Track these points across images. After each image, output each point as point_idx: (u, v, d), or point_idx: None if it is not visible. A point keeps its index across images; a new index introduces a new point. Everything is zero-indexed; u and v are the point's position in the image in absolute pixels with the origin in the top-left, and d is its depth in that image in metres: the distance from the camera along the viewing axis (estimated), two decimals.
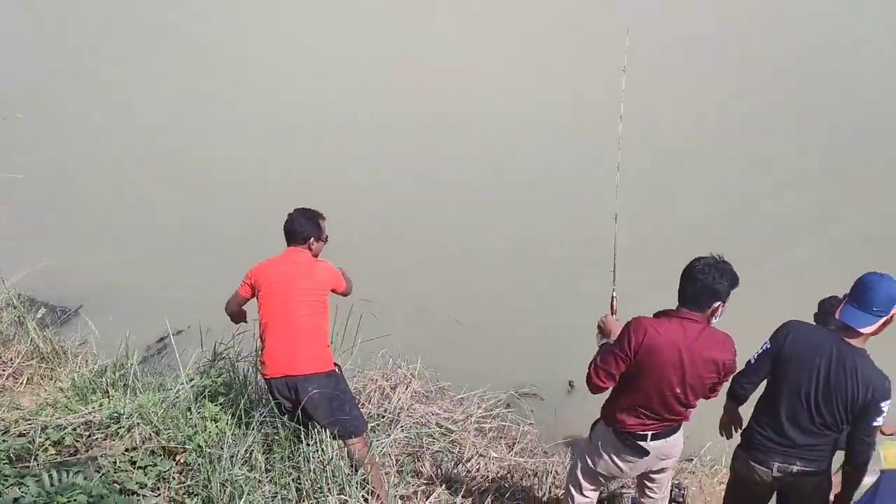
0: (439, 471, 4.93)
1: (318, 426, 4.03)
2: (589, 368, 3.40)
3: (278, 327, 4.04)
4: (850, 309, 3.16)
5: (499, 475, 5.09)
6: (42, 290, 6.84)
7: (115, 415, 4.29)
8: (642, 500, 3.88)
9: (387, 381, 5.68)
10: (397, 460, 4.84)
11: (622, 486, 4.67)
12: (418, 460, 4.99)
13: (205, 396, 4.53)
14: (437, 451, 5.18)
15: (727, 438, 3.81)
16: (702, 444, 4.83)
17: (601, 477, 3.70)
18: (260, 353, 4.13)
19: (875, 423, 3.14)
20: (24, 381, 5.43)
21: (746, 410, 3.63)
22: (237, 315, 4.43)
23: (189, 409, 4.30)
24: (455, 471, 5.01)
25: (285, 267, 4.15)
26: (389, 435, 4.83)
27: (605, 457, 3.59)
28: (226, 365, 5.00)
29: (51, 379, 5.56)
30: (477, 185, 8.53)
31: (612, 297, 3.86)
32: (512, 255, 7.39)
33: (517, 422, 5.75)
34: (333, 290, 4.22)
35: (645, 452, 3.48)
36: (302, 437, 4.04)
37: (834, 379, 3.15)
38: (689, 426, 5.12)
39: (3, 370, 5.44)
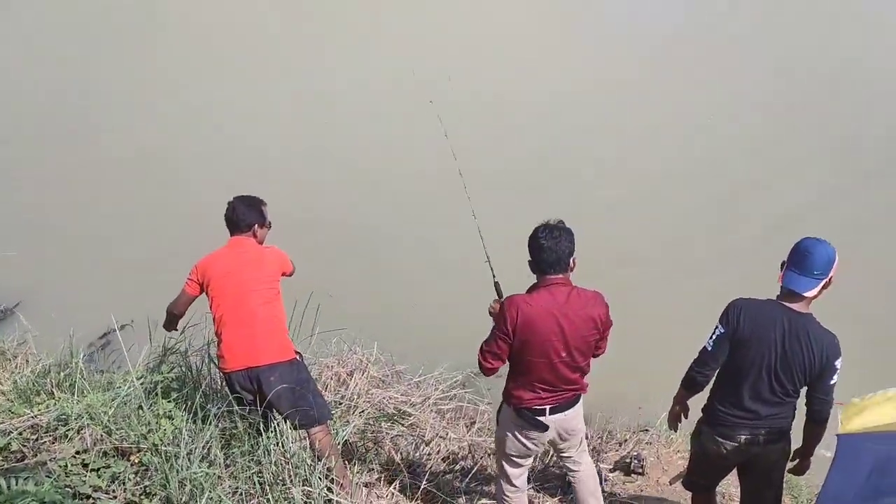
0: (400, 455, 4.92)
1: (281, 416, 3.97)
2: (478, 353, 3.54)
3: (235, 319, 3.94)
4: (792, 275, 3.25)
5: (460, 455, 5.12)
6: None
7: (63, 416, 4.12)
8: (569, 477, 4.00)
9: (343, 367, 5.64)
10: (358, 448, 4.81)
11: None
12: (379, 446, 4.98)
13: (157, 393, 4.39)
14: (397, 436, 5.17)
15: (673, 430, 3.93)
16: (657, 415, 4.94)
17: (514, 457, 3.79)
18: (217, 347, 4.02)
19: (832, 382, 3.26)
20: None
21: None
22: (177, 318, 4.30)
23: (140, 406, 4.16)
24: (416, 454, 5.02)
25: (234, 258, 4.04)
26: (349, 422, 4.79)
27: (510, 436, 3.70)
28: (177, 360, 4.86)
29: None
30: (428, 171, 8.45)
31: (495, 283, 3.98)
32: (460, 236, 7.36)
33: (474, 401, 5.79)
34: (283, 274, 4.14)
35: (544, 427, 3.58)
36: (262, 429, 3.96)
37: (790, 349, 3.24)
38: (642, 398, 5.29)
39: None
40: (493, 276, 4.05)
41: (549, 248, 3.40)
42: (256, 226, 4.15)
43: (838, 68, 10.12)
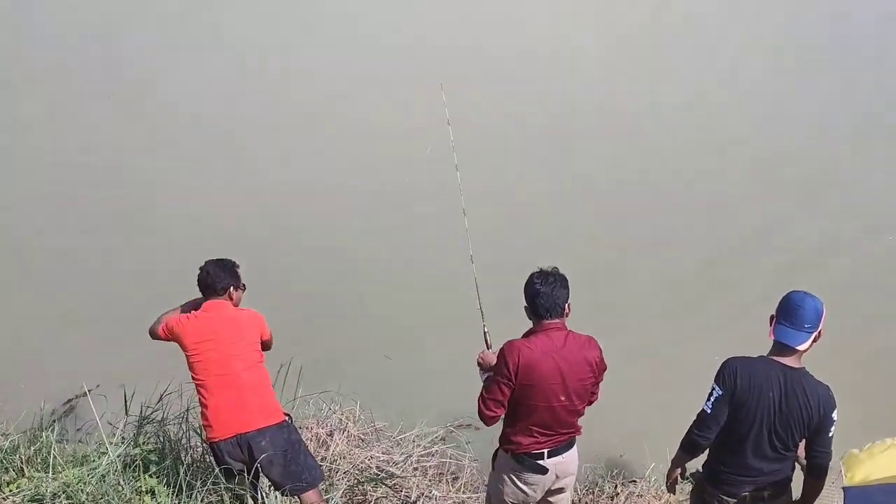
0: None
1: (270, 484, 3.86)
2: (478, 402, 3.56)
3: (220, 385, 3.85)
4: (783, 329, 3.28)
5: None
6: None
7: (38, 497, 3.93)
8: None
9: (322, 427, 5.53)
10: None
11: None
12: None
13: (135, 467, 4.23)
14: (381, 498, 5.07)
15: (672, 493, 3.91)
16: (645, 465, 4.95)
17: None
18: (202, 416, 3.91)
19: (830, 434, 3.30)
20: None
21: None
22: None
23: (124, 482, 4.00)
24: None
25: (211, 323, 3.96)
26: (334, 485, 4.68)
27: (509, 482, 3.71)
28: (154, 429, 4.69)
29: None
30: (391, 205, 8.43)
31: (485, 332, 4.06)
32: (430, 287, 7.36)
33: (456, 456, 5.72)
34: (262, 338, 4.06)
35: (544, 470, 3.61)
36: (250, 502, 3.85)
37: (787, 406, 3.26)
38: (629, 448, 5.30)
39: None
40: (483, 325, 4.11)
41: (546, 294, 3.47)
42: (231, 288, 4.09)
43: None
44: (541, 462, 3.60)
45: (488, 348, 3.96)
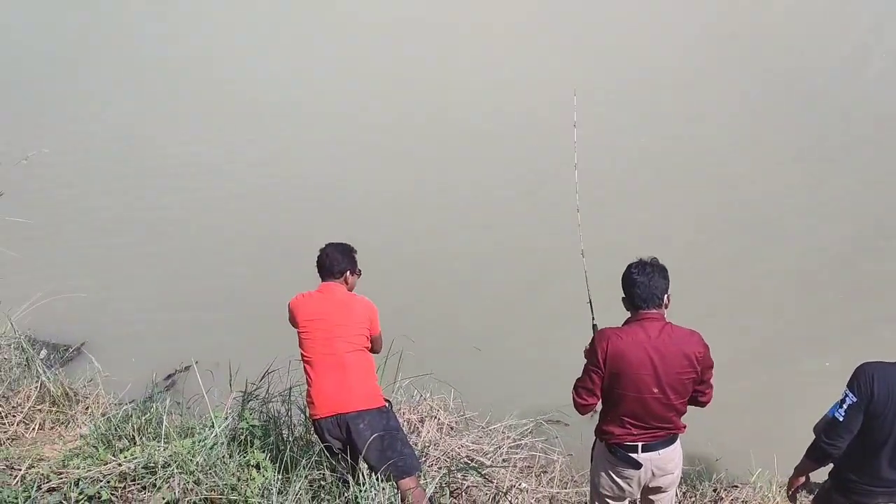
0: None
1: (368, 467, 3.90)
2: (572, 391, 3.54)
3: (325, 365, 3.91)
4: None
5: None
6: (42, 327, 6.57)
7: (151, 464, 4.09)
8: None
9: (414, 413, 5.57)
10: (436, 500, 4.71)
11: None
12: (455, 498, 4.88)
13: (240, 441, 4.34)
14: (471, 486, 5.07)
15: (793, 503, 3.71)
16: (750, 471, 4.79)
17: (608, 498, 3.70)
18: (307, 393, 3.98)
19: None
20: (36, 428, 5.20)
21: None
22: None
23: (230, 455, 4.12)
24: None
25: (324, 303, 4.03)
26: (431, 475, 4.69)
27: (604, 476, 3.64)
28: (256, 405, 4.81)
29: (63, 424, 5.33)
30: (489, 202, 8.46)
31: (594, 325, 3.99)
32: (524, 277, 7.32)
33: (545, 450, 5.68)
34: (369, 328, 4.08)
35: (637, 464, 3.51)
36: (351, 481, 3.89)
37: None
38: (731, 451, 5.13)
39: (14, 416, 5.19)
40: (593, 319, 4.06)
41: (643, 284, 3.42)
42: (348, 272, 4.15)
43: None
44: (633, 455, 3.50)
45: None
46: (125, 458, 4.22)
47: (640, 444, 3.49)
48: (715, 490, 4.76)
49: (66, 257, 7.92)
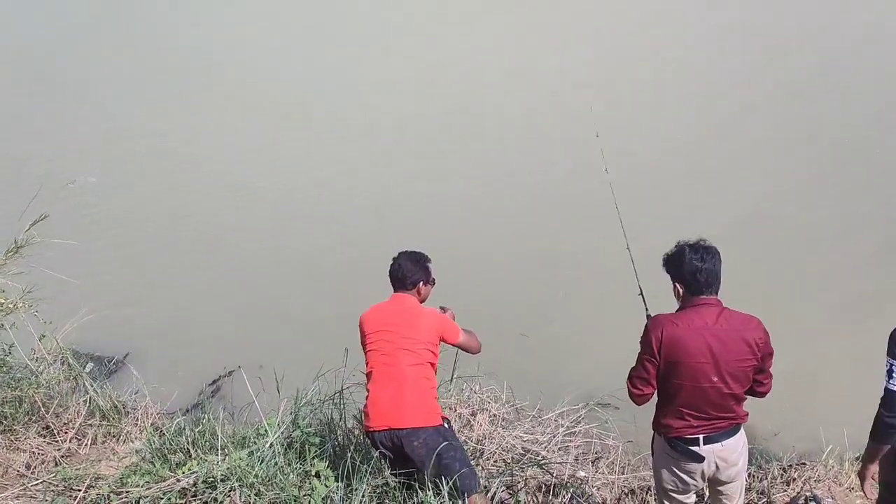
0: (537, 500, 4.73)
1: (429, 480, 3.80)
2: (627, 382, 3.41)
3: (383, 377, 3.81)
4: None
5: (596, 498, 4.91)
6: (86, 341, 6.55)
7: (210, 479, 4.04)
8: None
9: (465, 407, 5.49)
10: (492, 496, 4.62)
11: None
12: (513, 491, 4.80)
13: (296, 450, 4.28)
14: (530, 478, 4.99)
15: (866, 496, 3.49)
16: (821, 448, 4.66)
17: (671, 492, 3.57)
18: (365, 404, 3.90)
19: None
20: (89, 443, 5.18)
21: None
22: None
23: (289, 464, 4.06)
24: (553, 501, 4.81)
25: (392, 314, 3.93)
26: (493, 475, 4.61)
27: (666, 471, 3.51)
28: (308, 411, 4.74)
29: (115, 437, 5.32)
30: (533, 187, 8.36)
31: (647, 316, 3.77)
32: (564, 260, 7.21)
33: (600, 436, 5.58)
34: (444, 340, 3.96)
35: (699, 458, 3.36)
36: (415, 486, 3.81)
37: None
38: (802, 432, 4.99)
39: (66, 432, 5.18)
40: (647, 310, 3.89)
41: (706, 270, 3.27)
42: (421, 283, 4.05)
43: None
44: (695, 448, 3.34)
45: None
46: (183, 473, 4.16)
47: (701, 436, 3.34)
48: (784, 470, 4.63)
49: (107, 272, 7.93)
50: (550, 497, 4.86)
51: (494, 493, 4.53)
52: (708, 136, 9.05)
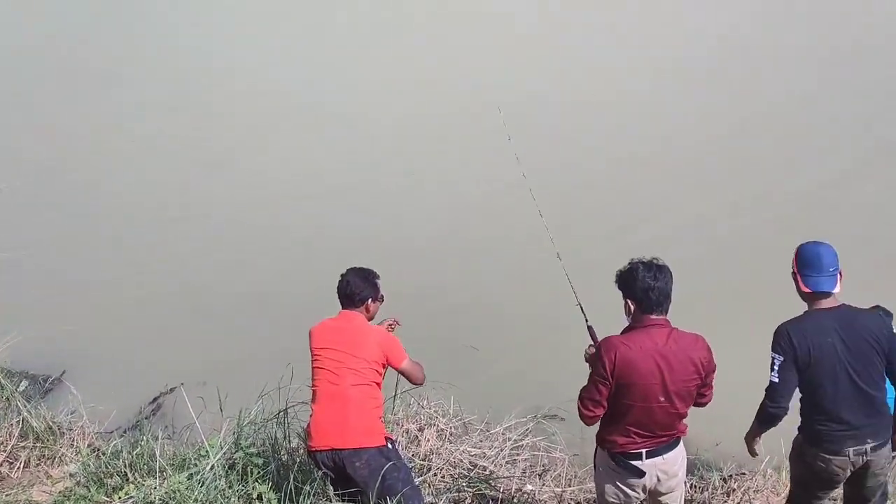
0: None
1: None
2: (577, 402, 3.43)
3: (327, 396, 3.77)
4: (812, 279, 3.43)
5: None
6: (20, 358, 6.33)
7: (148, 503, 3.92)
8: None
9: (413, 423, 5.46)
10: None
11: None
12: None
13: (238, 471, 4.19)
14: (478, 493, 4.98)
15: (755, 456, 3.90)
16: (760, 459, 4.75)
17: None
18: (308, 423, 3.84)
19: None
20: (21, 466, 5.00)
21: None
22: None
23: (230, 486, 3.97)
24: None
25: (337, 332, 3.88)
26: (429, 483, 4.59)
27: (609, 484, 3.55)
28: (251, 430, 4.65)
29: (49, 460, 5.13)
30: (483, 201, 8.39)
31: (588, 326, 3.91)
32: (512, 275, 7.24)
33: (546, 448, 5.61)
34: (388, 363, 3.90)
35: (641, 472, 3.43)
36: None
37: (852, 344, 3.34)
38: (743, 442, 5.07)
39: None
40: (586, 320, 3.96)
41: (658, 288, 3.30)
42: (370, 300, 4.00)
43: None
44: (637, 463, 3.41)
45: (595, 343, 3.75)
46: (120, 498, 4.04)
47: (644, 450, 3.41)
48: (724, 480, 4.72)
49: (44, 286, 7.68)
50: None
51: None
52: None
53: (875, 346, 3.36)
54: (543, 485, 5.22)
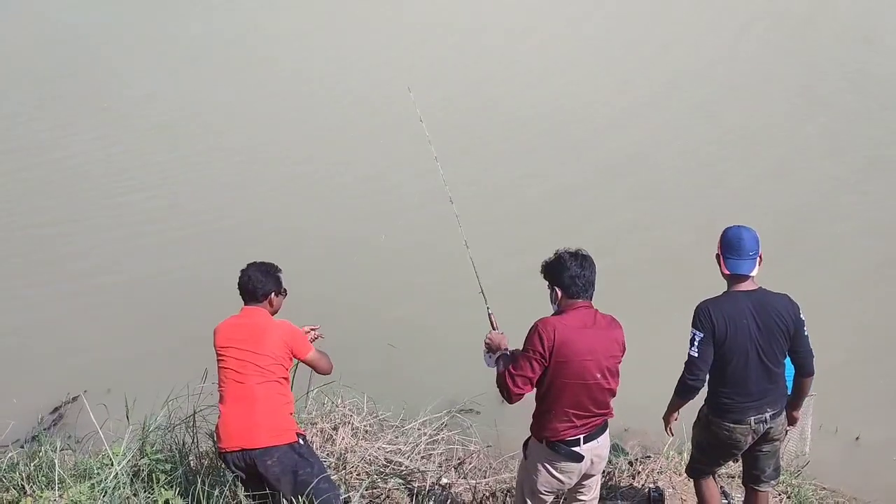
0: None
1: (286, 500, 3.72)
2: (503, 379, 3.50)
3: (234, 396, 3.70)
4: (733, 262, 3.63)
5: (459, 501, 4.98)
6: None
7: None
8: None
9: (326, 422, 5.41)
10: None
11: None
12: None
13: (144, 478, 4.06)
14: (392, 489, 4.99)
15: (671, 435, 4.16)
16: (663, 442, 4.94)
17: (542, 495, 3.73)
18: (216, 424, 3.76)
19: (806, 333, 3.67)
20: None
21: None
22: None
23: (135, 494, 3.84)
24: None
25: (240, 329, 3.80)
26: (352, 487, 4.56)
27: (543, 472, 3.64)
28: (158, 436, 4.51)
29: None
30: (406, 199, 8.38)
31: (489, 314, 4.02)
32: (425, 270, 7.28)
33: (461, 442, 5.66)
34: (293, 355, 3.85)
35: (580, 457, 3.56)
36: None
37: (763, 325, 3.57)
38: (649, 426, 5.27)
39: None
40: (487, 307, 4.03)
41: (584, 276, 3.51)
42: (273, 294, 3.93)
43: None
44: (576, 449, 3.54)
45: (494, 329, 3.88)
46: None
47: (581, 436, 3.53)
48: (630, 464, 4.90)
49: None
50: None
51: None
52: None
53: (782, 327, 3.59)
54: (459, 477, 5.28)
